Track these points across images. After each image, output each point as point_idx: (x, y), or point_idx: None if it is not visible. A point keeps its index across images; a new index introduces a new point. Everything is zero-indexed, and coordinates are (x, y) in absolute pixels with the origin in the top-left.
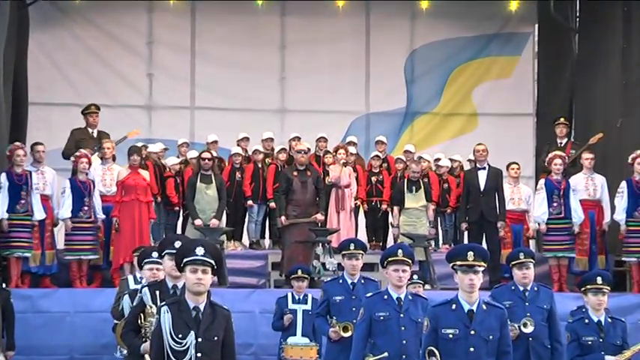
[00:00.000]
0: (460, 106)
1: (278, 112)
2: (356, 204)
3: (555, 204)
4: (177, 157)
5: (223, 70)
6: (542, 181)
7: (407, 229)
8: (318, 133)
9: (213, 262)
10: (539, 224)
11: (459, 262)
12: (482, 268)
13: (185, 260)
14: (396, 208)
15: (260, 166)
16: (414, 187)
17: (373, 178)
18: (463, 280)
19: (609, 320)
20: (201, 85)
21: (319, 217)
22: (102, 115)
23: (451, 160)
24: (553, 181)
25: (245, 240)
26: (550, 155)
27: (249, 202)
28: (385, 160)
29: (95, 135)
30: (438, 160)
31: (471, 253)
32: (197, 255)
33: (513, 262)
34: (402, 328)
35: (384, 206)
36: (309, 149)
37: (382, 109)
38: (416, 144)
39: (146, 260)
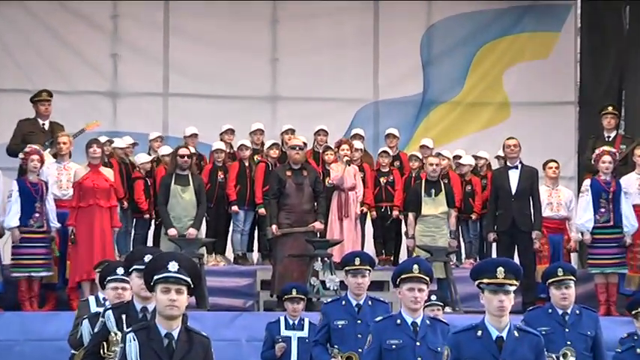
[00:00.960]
0: (487, 94)
1: (269, 100)
2: (362, 210)
3: (603, 210)
4: (148, 153)
5: (203, 50)
6: (587, 183)
7: (424, 240)
8: (317, 125)
9: (189, 279)
10: (582, 234)
11: (486, 280)
12: (513, 288)
13: (155, 278)
14: (410, 215)
15: (247, 164)
16: (432, 190)
17: (383, 179)
18: (491, 301)
19: None
20: (176, 68)
21: (318, 225)
22: (56, 103)
23: (476, 157)
24: (600, 183)
25: (229, 253)
26: (597, 152)
27: (234, 207)
28: (397, 157)
29: (47, 127)
30: (460, 157)
31: (500, 270)
32: (169, 271)
33: (551, 280)
34: (419, 359)
35: (395, 213)
36: (305, 144)
37: (393, 96)
38: (434, 138)
39: (110, 278)
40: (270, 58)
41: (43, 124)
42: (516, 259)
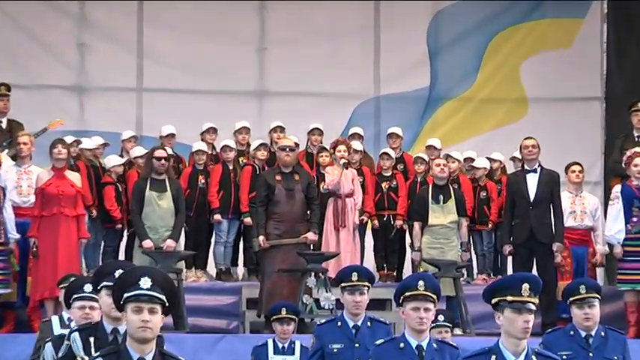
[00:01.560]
0: (502, 88)
1: (255, 95)
2: (361, 220)
3: (635, 219)
4: (120, 155)
5: (181, 39)
6: (617, 189)
7: (431, 253)
8: (310, 124)
9: (163, 297)
10: (611, 246)
11: (510, 298)
12: (535, 307)
13: (126, 296)
14: (416, 225)
15: (231, 167)
16: (440, 197)
17: (384, 185)
18: (515, 322)
19: None
20: (151, 59)
21: (311, 236)
22: (15, 99)
23: (489, 159)
24: (633, 189)
25: (211, 268)
26: (627, 153)
27: (217, 216)
28: (401, 159)
29: (4, 126)
30: (472, 159)
31: (526, 286)
32: (141, 288)
33: (572, 299)
34: None
35: (399, 222)
36: (297, 145)
37: (397, 90)
38: (442, 138)
39: (76, 296)
40: (257, 48)
41: (1, 122)
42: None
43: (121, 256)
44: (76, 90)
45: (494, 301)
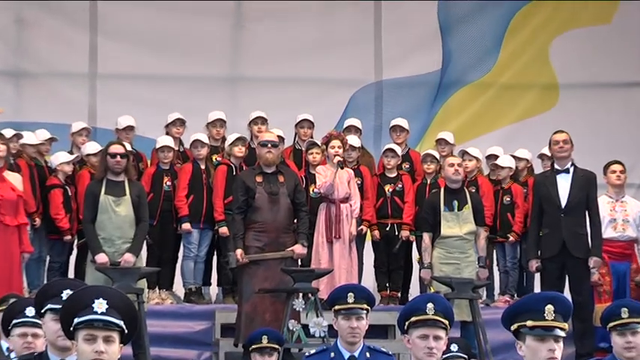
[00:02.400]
0: (528, 71)
1: (232, 81)
2: (360, 230)
3: None
4: (70, 152)
5: (144, 13)
6: None
7: (444, 269)
8: (298, 115)
9: (121, 323)
10: None
11: (530, 323)
12: (564, 333)
13: (77, 321)
14: (426, 237)
15: (203, 167)
16: (455, 202)
17: (387, 188)
18: (538, 351)
19: None
20: (107, 37)
21: (299, 250)
22: None
23: (514, 157)
24: None
25: (178, 288)
26: None
27: (186, 225)
28: (407, 157)
29: None
30: (493, 157)
31: (549, 308)
32: (95, 312)
33: (612, 324)
34: None
35: (404, 233)
36: (282, 140)
37: (401, 74)
38: (456, 131)
39: (16, 321)
40: (233, 24)
41: None
42: (567, 295)
43: (70, 274)
44: (14, 74)
45: (513, 327)
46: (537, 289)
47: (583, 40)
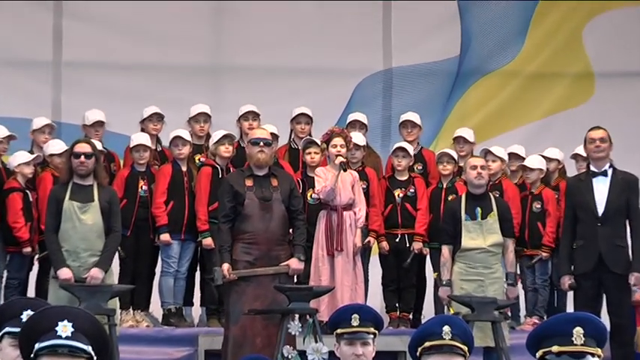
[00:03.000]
0: (559, 59)
1: (218, 70)
2: (368, 242)
3: None
4: (31, 151)
5: None
6: None
7: (465, 287)
8: (294, 109)
9: (89, 349)
10: None
11: (555, 349)
12: None
13: (38, 347)
14: (444, 250)
15: (185, 168)
16: (478, 210)
17: (397, 193)
18: None
19: None
20: (73, 19)
21: (294, 264)
22: None
23: (544, 158)
24: None
25: (156, 309)
26: None
27: (165, 236)
28: (419, 157)
29: None
30: (513, 157)
31: (578, 331)
32: (59, 337)
33: None
34: None
35: (417, 245)
36: (276, 137)
37: (414, 61)
38: (477, 128)
39: None
40: (216, 5)
41: None
42: (604, 316)
43: (31, 292)
44: None
45: (539, 354)
46: (570, 309)
47: (621, 23)
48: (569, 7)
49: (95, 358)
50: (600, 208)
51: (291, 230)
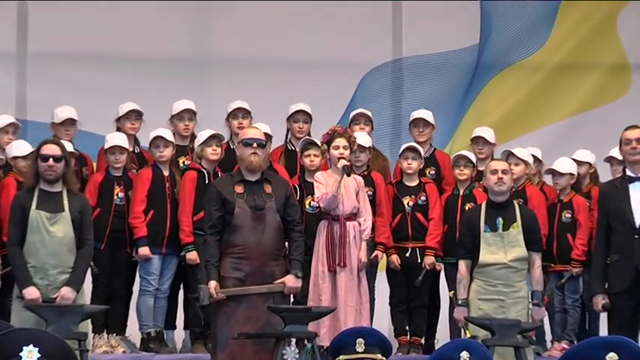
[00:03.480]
0: (591, 49)
1: (203, 62)
2: (375, 257)
3: None
4: None
5: None
6: None
7: (483, 308)
8: (291, 105)
9: None
10: None
11: None
12: None
13: None
14: (461, 265)
15: (166, 173)
16: (499, 220)
17: (407, 200)
18: None
19: None
20: (39, 5)
21: (291, 282)
22: None
23: (575, 161)
24: None
25: (133, 332)
26: None
27: (143, 250)
28: (432, 160)
29: None
30: (541, 162)
31: (613, 357)
32: None
33: None
34: None
35: (429, 260)
36: (269, 138)
37: (427, 51)
38: (498, 127)
39: None
40: None
41: None
42: None
43: None
44: None
45: None
46: (604, 332)
47: None
48: None
49: None
50: (638, 218)
51: (287, 243)
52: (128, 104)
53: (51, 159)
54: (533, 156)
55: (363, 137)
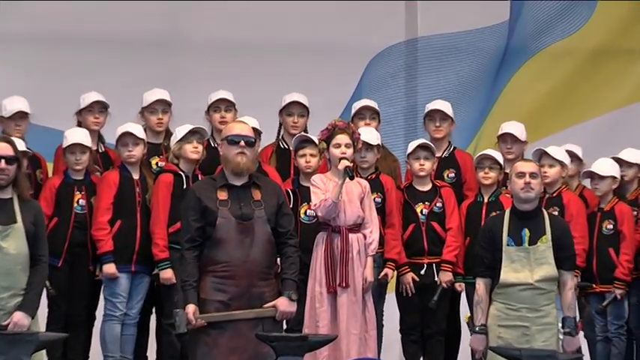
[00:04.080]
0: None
1: (174, 45)
2: (382, 277)
3: None
4: None
5: None
6: None
7: (504, 336)
8: (284, 96)
9: None
10: None
11: None
12: None
13: None
14: (480, 285)
15: (136, 176)
16: (525, 232)
17: (421, 207)
18: None
19: None
20: None
21: (284, 306)
22: None
23: (622, 162)
24: None
25: None
26: None
27: (109, 267)
28: (451, 160)
29: None
30: (580, 161)
31: None
32: None
33: None
34: None
35: (445, 277)
36: (258, 135)
37: (447, 30)
38: (529, 122)
39: None
40: None
41: None
42: None
43: None
44: None
45: None
46: None
47: None
48: None
49: None
50: None
51: (279, 260)
52: (91, 94)
53: (3, 161)
54: (571, 154)
55: (370, 133)
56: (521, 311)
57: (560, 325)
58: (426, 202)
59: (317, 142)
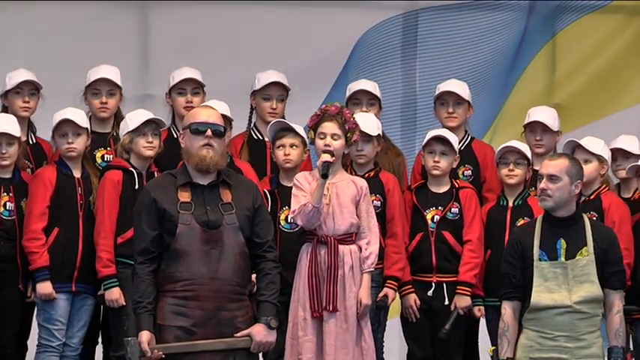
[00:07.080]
0: None
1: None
2: (381, 301)
3: None
4: None
5: None
6: None
7: None
8: (259, 74)
9: None
10: None
11: None
12: None
13: None
14: (506, 308)
15: (78, 174)
16: (560, 242)
17: (431, 214)
18: None
19: None
20: None
21: (260, 335)
22: None
23: None
24: None
25: None
26: None
27: (43, 286)
28: (468, 154)
29: None
30: (620, 154)
31: None
32: None
33: None
34: None
35: (462, 302)
36: (229, 122)
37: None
38: (561, 107)
39: None
40: None
41: None
42: None
43: None
44: None
45: None
46: None
47: None
48: None
49: None
50: None
51: (254, 277)
52: (19, 72)
53: None
54: (621, 149)
55: (369, 121)
56: (558, 340)
57: (606, 357)
58: (439, 207)
59: (298, 130)
